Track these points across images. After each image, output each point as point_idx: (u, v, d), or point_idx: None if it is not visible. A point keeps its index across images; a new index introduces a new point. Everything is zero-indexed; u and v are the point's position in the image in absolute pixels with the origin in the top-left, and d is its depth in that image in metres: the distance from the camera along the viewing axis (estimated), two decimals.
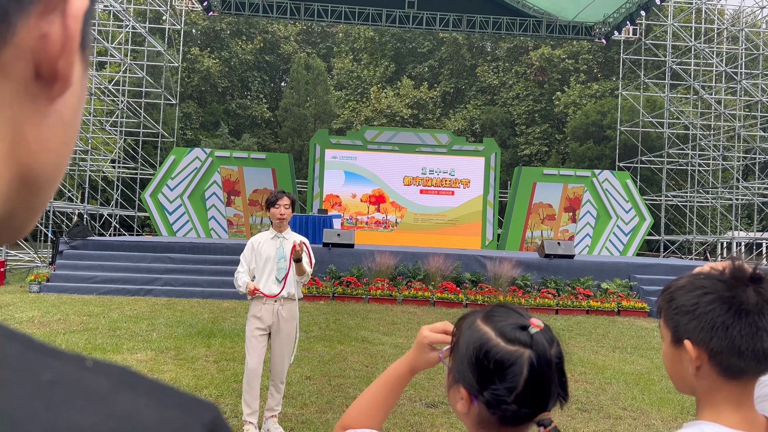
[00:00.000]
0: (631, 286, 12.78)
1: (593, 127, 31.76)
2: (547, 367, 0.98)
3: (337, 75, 40.42)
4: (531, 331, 1.00)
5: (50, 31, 0.31)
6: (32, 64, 0.32)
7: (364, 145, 20.07)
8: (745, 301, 0.97)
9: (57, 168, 0.35)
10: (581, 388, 6.05)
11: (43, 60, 0.32)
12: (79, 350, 6.62)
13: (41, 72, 0.32)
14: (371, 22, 21.92)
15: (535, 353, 0.98)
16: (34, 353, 0.29)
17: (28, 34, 0.31)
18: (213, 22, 36.33)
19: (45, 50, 0.32)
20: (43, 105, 0.33)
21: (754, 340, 0.95)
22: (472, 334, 1.04)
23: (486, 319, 1.05)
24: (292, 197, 4.55)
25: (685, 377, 1.03)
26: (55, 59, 0.32)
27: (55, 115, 0.34)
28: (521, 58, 37.52)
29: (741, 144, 23.97)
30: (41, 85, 0.33)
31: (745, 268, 1.00)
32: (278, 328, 4.46)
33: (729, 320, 0.96)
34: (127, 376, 0.31)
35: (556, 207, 20.00)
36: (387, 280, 12.26)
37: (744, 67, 22.12)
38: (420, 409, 5.11)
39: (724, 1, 25.76)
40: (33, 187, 0.34)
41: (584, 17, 21.98)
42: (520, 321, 1.02)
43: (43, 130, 0.34)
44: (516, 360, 0.98)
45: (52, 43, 0.32)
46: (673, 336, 1.03)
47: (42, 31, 0.31)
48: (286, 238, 4.53)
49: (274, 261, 4.47)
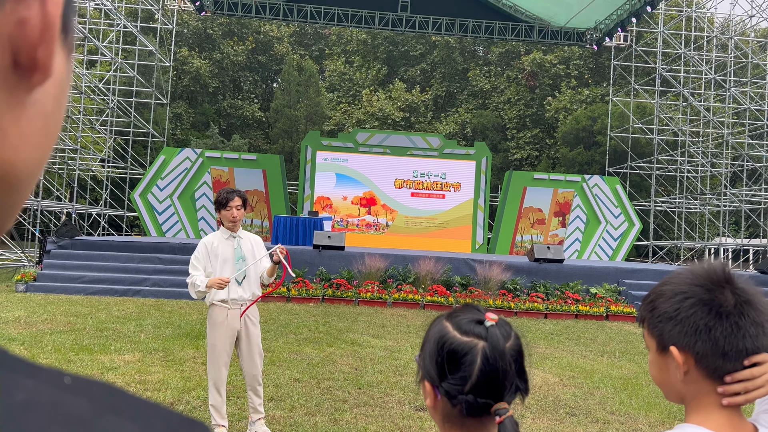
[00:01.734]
0: (620, 290, 12.85)
1: (583, 133, 31.95)
2: (501, 358, 1.04)
3: (329, 77, 40.40)
4: (486, 324, 1.07)
5: (28, 16, 0.29)
6: (9, 52, 0.29)
7: (356, 147, 20.07)
8: (724, 303, 0.98)
9: (38, 163, 0.33)
10: (569, 393, 6.07)
11: (22, 47, 0.29)
12: (66, 350, 6.57)
13: (19, 60, 0.30)
14: (364, 24, 21.95)
15: (489, 345, 1.05)
16: (5, 371, 0.27)
17: (4, 20, 0.29)
18: (205, 22, 36.20)
19: (23, 37, 0.29)
20: (22, 95, 0.31)
21: (737, 339, 0.97)
22: (435, 331, 1.11)
23: (448, 316, 1.12)
24: (244, 196, 4.29)
25: (674, 385, 1.04)
26: (34, 46, 0.30)
27: (35, 107, 0.32)
28: (513, 63, 37.69)
29: (729, 151, 24.19)
30: (20, 75, 0.30)
31: (719, 270, 1.02)
32: (247, 332, 4.29)
33: (711, 322, 0.98)
34: (109, 396, 0.28)
35: (546, 211, 20.09)
36: (377, 283, 12.25)
37: (733, 75, 22.33)
38: (409, 413, 5.10)
39: (714, 10, 25.99)
40: (13, 184, 0.32)
41: (576, 23, 22.13)
42: (477, 316, 1.09)
43: (23, 122, 0.31)
44: (469, 350, 1.04)
45: (31, 29, 0.29)
46: (658, 344, 1.04)
47: (19, 16, 0.29)
48: (242, 237, 4.33)
49: (232, 263, 4.24)
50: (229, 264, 4.24)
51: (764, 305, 1.00)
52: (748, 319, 0.98)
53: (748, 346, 0.97)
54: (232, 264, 4.24)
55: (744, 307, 0.98)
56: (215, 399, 4.27)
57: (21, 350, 6.60)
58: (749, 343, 0.97)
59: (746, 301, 0.99)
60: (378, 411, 5.11)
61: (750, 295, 1.00)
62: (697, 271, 1.03)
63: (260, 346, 4.42)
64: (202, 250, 4.26)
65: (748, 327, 0.97)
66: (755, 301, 0.99)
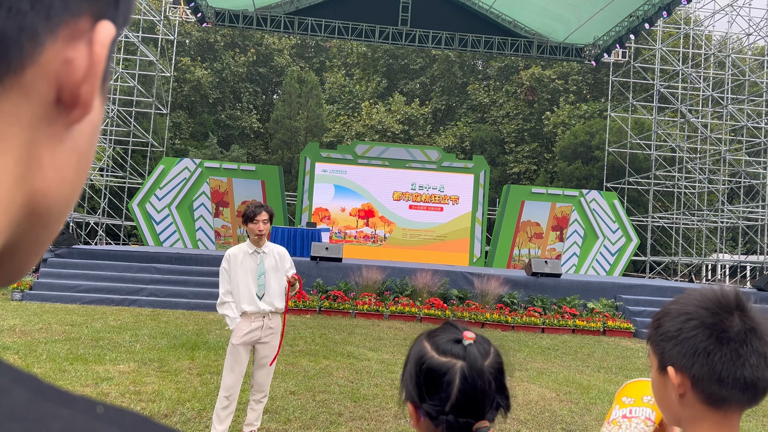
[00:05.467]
0: (617, 306, 12.83)
1: (581, 148, 32.07)
2: (480, 377, 1.05)
3: (329, 89, 40.58)
4: (464, 343, 1.07)
5: (75, 57, 0.31)
6: (54, 88, 0.31)
7: (355, 159, 20.11)
8: (728, 328, 0.96)
9: (68, 201, 0.34)
10: (566, 408, 6.04)
11: (66, 84, 0.32)
12: (61, 360, 6.53)
13: (62, 96, 0.32)
14: (364, 37, 22.08)
15: (467, 364, 1.05)
16: (42, 400, 0.27)
17: (53, 57, 0.31)
18: (207, 33, 36.40)
19: (69, 75, 0.31)
20: (60, 130, 0.33)
21: (736, 367, 0.95)
22: (415, 351, 1.11)
23: (428, 336, 1.13)
24: (271, 211, 4.40)
25: (671, 406, 1.03)
26: (78, 85, 0.32)
27: (71, 143, 0.33)
28: (512, 78, 37.90)
29: (726, 168, 24.29)
30: (61, 110, 0.32)
31: (731, 295, 1.00)
32: (266, 340, 4.42)
33: (711, 346, 0.96)
34: (140, 425, 0.29)
35: (543, 225, 20.11)
36: (374, 295, 12.22)
37: (730, 92, 22.48)
38: (405, 427, 5.07)
39: (712, 28, 26.23)
40: (43, 218, 0.33)
41: (575, 39, 22.29)
42: (455, 335, 1.10)
43: (58, 156, 0.33)
44: (448, 370, 1.05)
45: (77, 68, 0.32)
46: (659, 363, 1.04)
47: (68, 56, 0.31)
48: (266, 252, 4.43)
49: (254, 278, 4.36)
50: (252, 280, 4.36)
51: None
52: (751, 348, 0.95)
53: (747, 376, 0.95)
54: (254, 279, 4.36)
55: (748, 335, 0.96)
56: (223, 410, 4.29)
57: (15, 359, 6.56)
58: (748, 373, 0.95)
59: (751, 330, 0.96)
60: (374, 425, 5.09)
61: (757, 323, 0.97)
62: (707, 293, 1.01)
63: (275, 356, 4.52)
64: (226, 263, 4.40)
65: (749, 356, 0.95)
66: (761, 331, 0.97)
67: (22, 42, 0.29)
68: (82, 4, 0.32)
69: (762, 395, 0.98)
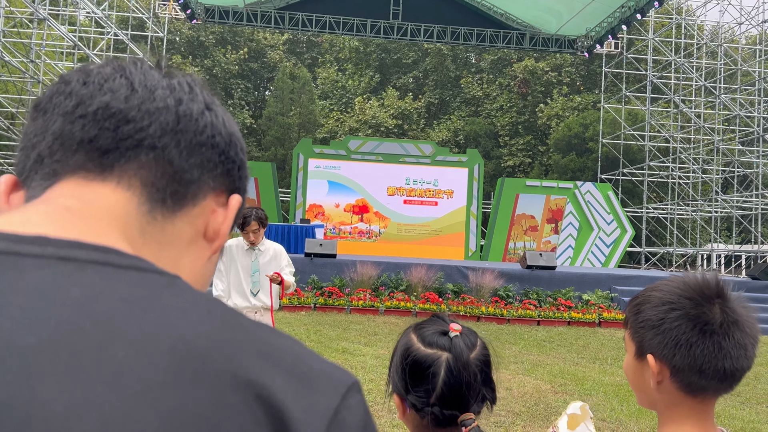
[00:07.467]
0: (612, 297, 12.84)
1: (575, 140, 32.07)
2: (465, 369, 1.04)
3: (321, 84, 40.42)
4: (450, 335, 1.07)
5: (219, 211, 0.54)
6: (203, 226, 0.53)
7: (348, 154, 20.04)
8: (710, 321, 0.97)
9: (196, 286, 0.50)
10: (561, 400, 6.03)
11: (211, 225, 0.53)
12: None
13: (207, 233, 0.53)
14: (356, 32, 21.98)
15: (453, 356, 1.05)
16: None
17: (207, 206, 0.53)
18: (197, 30, 36.19)
19: (213, 220, 0.53)
20: (204, 254, 0.54)
21: (716, 359, 0.96)
22: (402, 344, 1.11)
23: (415, 328, 1.12)
24: (261, 216, 4.40)
25: (647, 391, 1.03)
26: (218, 227, 0.53)
27: (207, 265, 0.55)
28: (505, 70, 37.84)
29: (720, 157, 24.33)
30: (204, 241, 0.53)
31: (712, 284, 1.00)
32: None
33: (693, 338, 0.96)
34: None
35: (538, 218, 20.10)
36: (369, 291, 12.19)
37: (723, 82, 22.50)
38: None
39: (704, 17, 26.22)
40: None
41: (567, 31, 22.25)
42: (441, 327, 1.09)
43: (197, 268, 0.53)
44: (433, 362, 1.05)
45: (218, 217, 0.54)
46: (637, 349, 1.03)
47: (214, 208, 0.54)
48: (261, 250, 4.49)
49: (248, 274, 4.41)
50: (245, 275, 4.41)
51: (752, 326, 0.99)
52: (732, 341, 0.96)
53: (726, 367, 0.96)
54: (248, 275, 4.41)
55: (731, 327, 0.97)
56: None
57: None
58: (728, 364, 0.96)
59: (734, 322, 0.97)
60: None
61: (739, 315, 0.98)
62: (690, 281, 1.00)
63: None
64: (223, 254, 4.40)
65: (731, 348, 0.96)
66: (742, 322, 0.98)
67: (201, 189, 0.52)
68: (223, 181, 0.54)
69: (737, 382, 0.99)
